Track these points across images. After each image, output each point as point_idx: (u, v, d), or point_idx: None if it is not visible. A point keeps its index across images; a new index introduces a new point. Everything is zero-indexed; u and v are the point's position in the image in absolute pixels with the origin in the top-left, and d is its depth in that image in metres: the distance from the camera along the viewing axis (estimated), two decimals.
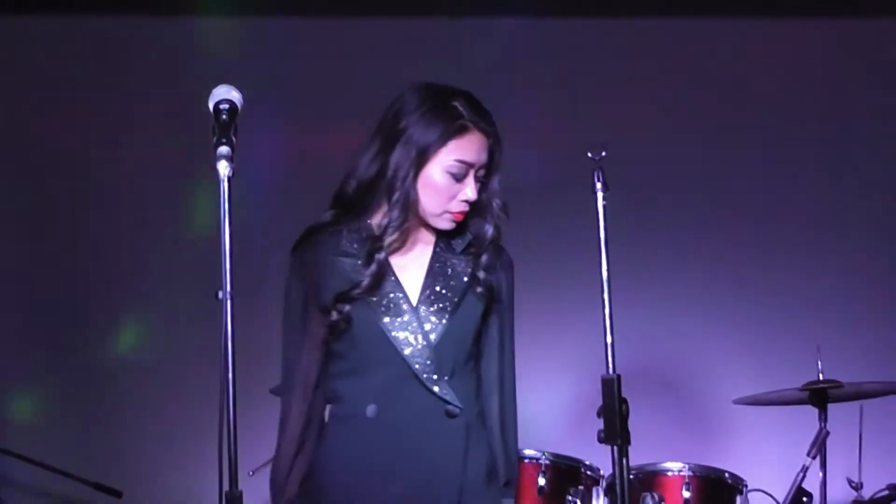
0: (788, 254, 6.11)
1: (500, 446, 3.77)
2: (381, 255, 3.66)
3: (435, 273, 3.71)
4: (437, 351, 3.63)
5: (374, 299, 3.64)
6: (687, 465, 5.00)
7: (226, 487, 3.28)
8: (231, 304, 3.30)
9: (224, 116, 3.38)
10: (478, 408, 3.73)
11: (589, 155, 3.61)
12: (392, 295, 3.66)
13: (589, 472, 4.88)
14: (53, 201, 6.14)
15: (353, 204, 3.70)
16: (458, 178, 3.64)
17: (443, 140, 3.63)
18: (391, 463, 3.64)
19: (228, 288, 3.32)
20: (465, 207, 3.67)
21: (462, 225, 3.72)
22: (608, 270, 3.60)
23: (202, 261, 3.45)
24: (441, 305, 3.68)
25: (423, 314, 3.66)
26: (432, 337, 3.65)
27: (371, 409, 3.65)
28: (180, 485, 5.61)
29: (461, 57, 5.93)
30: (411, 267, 3.71)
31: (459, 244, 3.73)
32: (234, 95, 3.40)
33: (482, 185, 3.69)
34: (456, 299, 3.69)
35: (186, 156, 5.76)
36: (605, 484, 4.88)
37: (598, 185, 3.59)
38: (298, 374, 3.72)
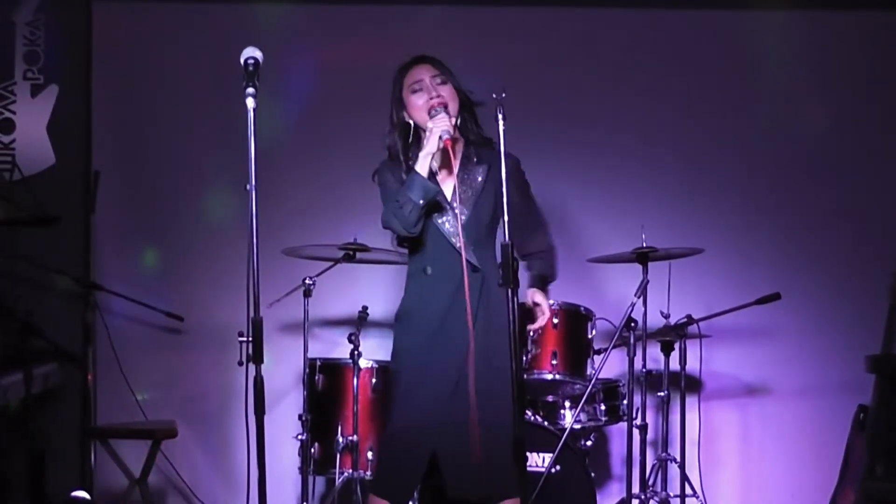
0: (624, 161, 5.91)
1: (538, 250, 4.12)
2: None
3: (461, 182, 3.94)
4: (465, 231, 3.86)
5: None
6: (556, 302, 5.04)
7: (252, 315, 3.32)
8: (255, 193, 3.32)
9: (251, 68, 3.37)
10: (492, 265, 3.92)
11: (493, 96, 3.62)
12: (438, 199, 3.91)
13: None
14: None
15: (392, 150, 3.99)
16: (417, 90, 3.92)
17: (399, 79, 3.97)
18: (439, 299, 3.92)
19: (253, 182, 3.33)
20: (436, 101, 3.89)
21: (469, 148, 3.99)
22: (506, 170, 3.61)
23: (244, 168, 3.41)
24: (465, 201, 3.93)
25: (456, 209, 3.91)
26: (461, 223, 3.88)
27: (428, 269, 3.95)
28: (222, 313, 5.60)
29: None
30: (447, 181, 3.96)
31: (472, 157, 3.99)
32: (258, 54, 3.39)
33: (452, 87, 3.94)
34: (475, 197, 3.95)
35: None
36: None
37: (500, 115, 3.61)
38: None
